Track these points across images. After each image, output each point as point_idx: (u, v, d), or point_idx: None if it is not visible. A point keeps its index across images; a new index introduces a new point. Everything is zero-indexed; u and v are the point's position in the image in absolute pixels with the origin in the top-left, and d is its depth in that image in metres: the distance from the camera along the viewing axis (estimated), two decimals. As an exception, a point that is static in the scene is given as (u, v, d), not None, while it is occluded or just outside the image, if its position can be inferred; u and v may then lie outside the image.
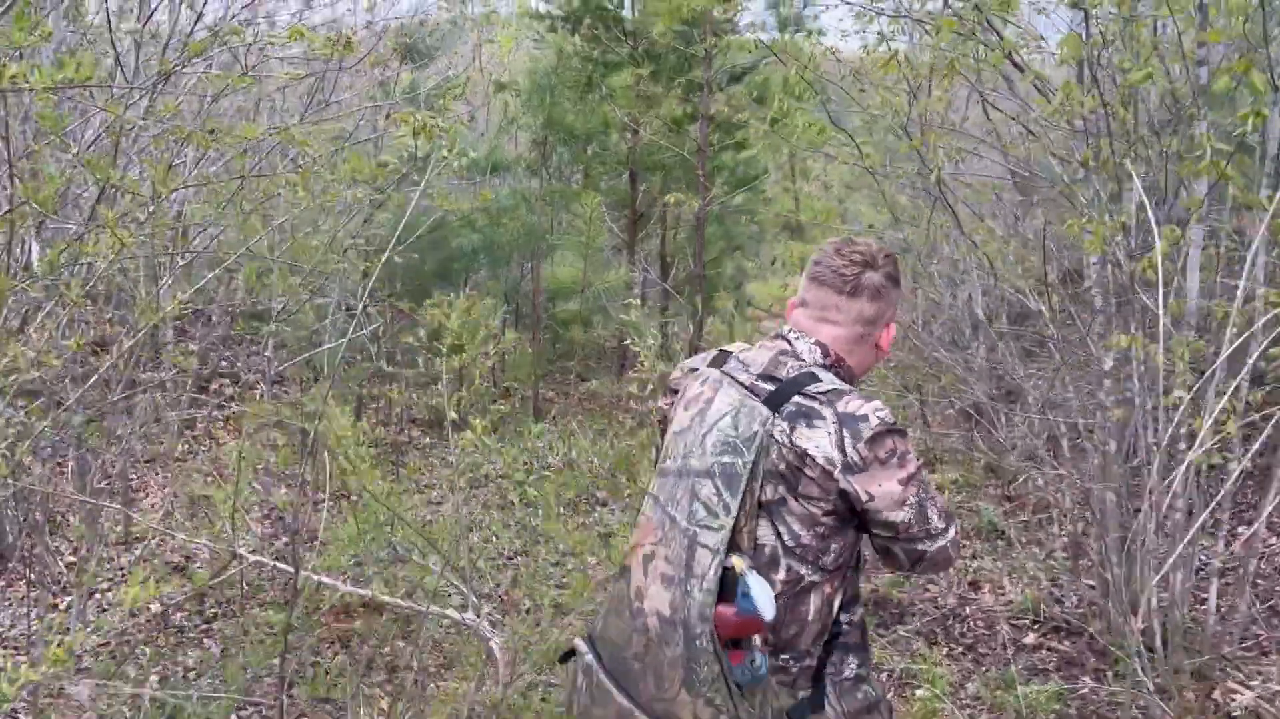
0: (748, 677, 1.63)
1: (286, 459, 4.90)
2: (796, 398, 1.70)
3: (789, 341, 1.82)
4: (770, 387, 1.73)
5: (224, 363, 8.75)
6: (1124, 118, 2.85)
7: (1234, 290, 3.45)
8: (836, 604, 1.76)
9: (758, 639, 1.64)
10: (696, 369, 1.90)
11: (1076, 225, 3.22)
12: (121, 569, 5.16)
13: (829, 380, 1.72)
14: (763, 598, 1.61)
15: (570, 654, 1.89)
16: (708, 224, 9.10)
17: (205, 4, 3.89)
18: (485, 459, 7.07)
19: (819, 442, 1.66)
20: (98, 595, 4.69)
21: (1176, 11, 3.12)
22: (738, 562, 1.64)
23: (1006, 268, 3.94)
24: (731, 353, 1.88)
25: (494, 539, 5.46)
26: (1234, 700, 3.60)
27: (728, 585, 1.63)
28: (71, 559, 5.09)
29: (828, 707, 1.75)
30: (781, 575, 1.69)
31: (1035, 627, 4.48)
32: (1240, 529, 4.68)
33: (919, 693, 3.91)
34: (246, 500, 4.88)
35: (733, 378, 1.79)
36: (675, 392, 1.94)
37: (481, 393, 9.47)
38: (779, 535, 1.69)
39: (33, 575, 4.20)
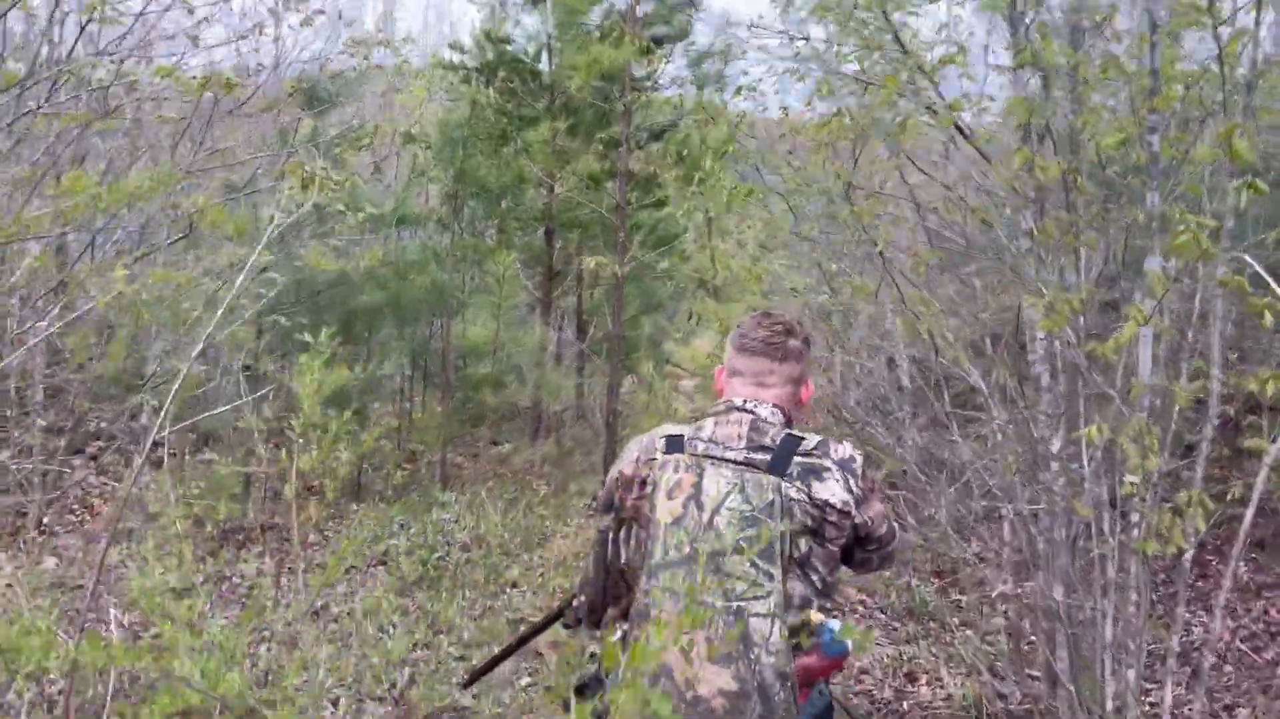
0: (819, 707, 1.87)
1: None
2: (797, 459, 1.90)
3: (752, 412, 1.98)
4: (766, 456, 1.91)
5: (103, 424, 8.07)
6: (1083, 187, 2.63)
7: (1188, 368, 3.28)
8: None
9: None
10: (656, 459, 1.98)
11: (1036, 304, 2.98)
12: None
13: (809, 437, 1.94)
14: (843, 635, 1.73)
15: None
16: (626, 282, 8.83)
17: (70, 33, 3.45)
18: (385, 535, 6.56)
19: (834, 490, 1.88)
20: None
21: (1125, 75, 2.95)
22: (813, 615, 1.85)
23: (945, 343, 3.70)
24: (682, 435, 1.99)
25: (390, 631, 4.95)
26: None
27: (799, 640, 1.82)
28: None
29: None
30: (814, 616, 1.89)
31: (978, 725, 4.20)
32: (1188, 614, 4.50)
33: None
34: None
35: (716, 457, 1.93)
36: (644, 483, 1.98)
37: (386, 455, 8.96)
38: (812, 584, 1.88)
39: None
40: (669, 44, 7.66)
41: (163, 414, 3.37)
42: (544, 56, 8.41)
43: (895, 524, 2.07)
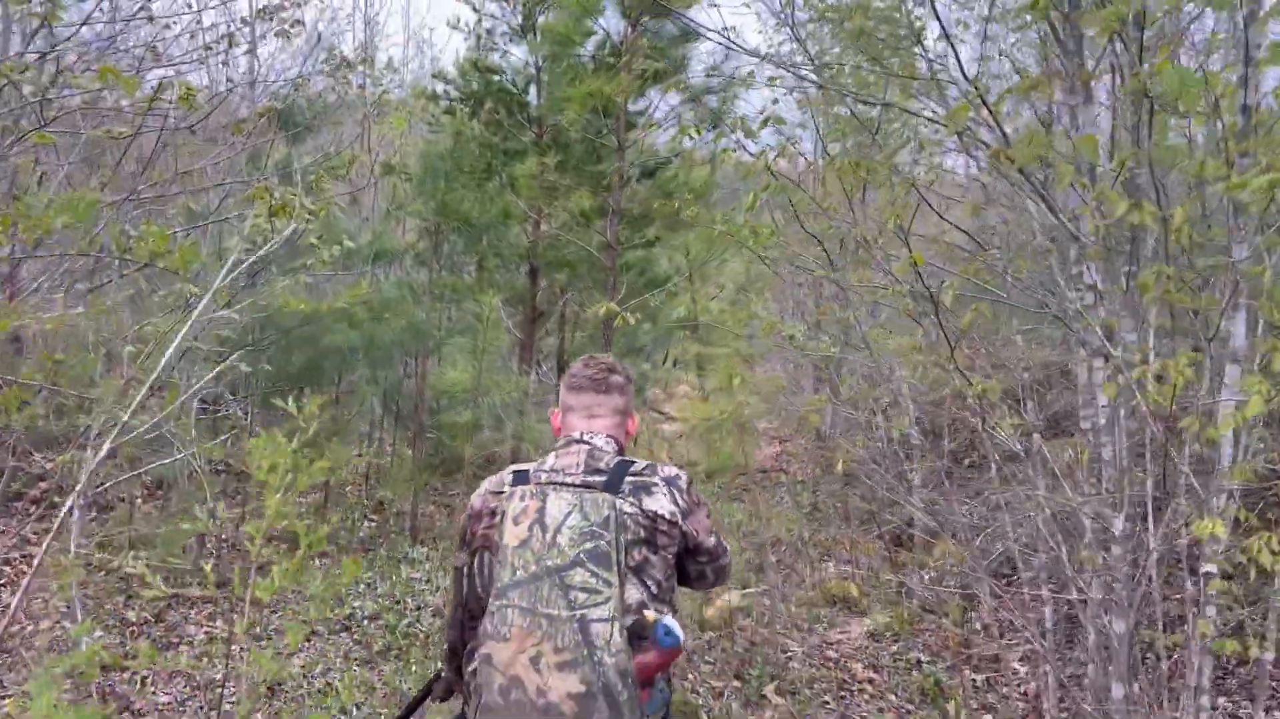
0: (659, 703, 2.03)
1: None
2: (628, 478, 2.10)
3: (588, 443, 2.20)
4: (601, 478, 2.10)
5: (46, 464, 7.51)
6: (1184, 233, 2.25)
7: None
8: None
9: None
10: (504, 492, 2.15)
11: (1104, 370, 2.59)
12: None
13: (639, 461, 2.16)
14: (678, 631, 1.98)
15: None
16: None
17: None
18: (349, 597, 6.03)
19: (662, 503, 2.08)
20: None
21: (1215, 115, 2.58)
22: (649, 615, 2.00)
23: (987, 404, 3.30)
24: (528, 469, 2.18)
25: (353, 714, 4.44)
26: None
27: (639, 640, 1.98)
28: None
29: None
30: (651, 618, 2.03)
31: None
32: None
33: None
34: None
35: (555, 484, 2.10)
36: (493, 513, 2.15)
37: (352, 504, 8.41)
38: (647, 588, 2.05)
39: None
40: (665, 78, 7.32)
41: (92, 462, 2.92)
42: (532, 89, 8.06)
43: (725, 544, 2.28)
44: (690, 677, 5.07)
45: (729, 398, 7.30)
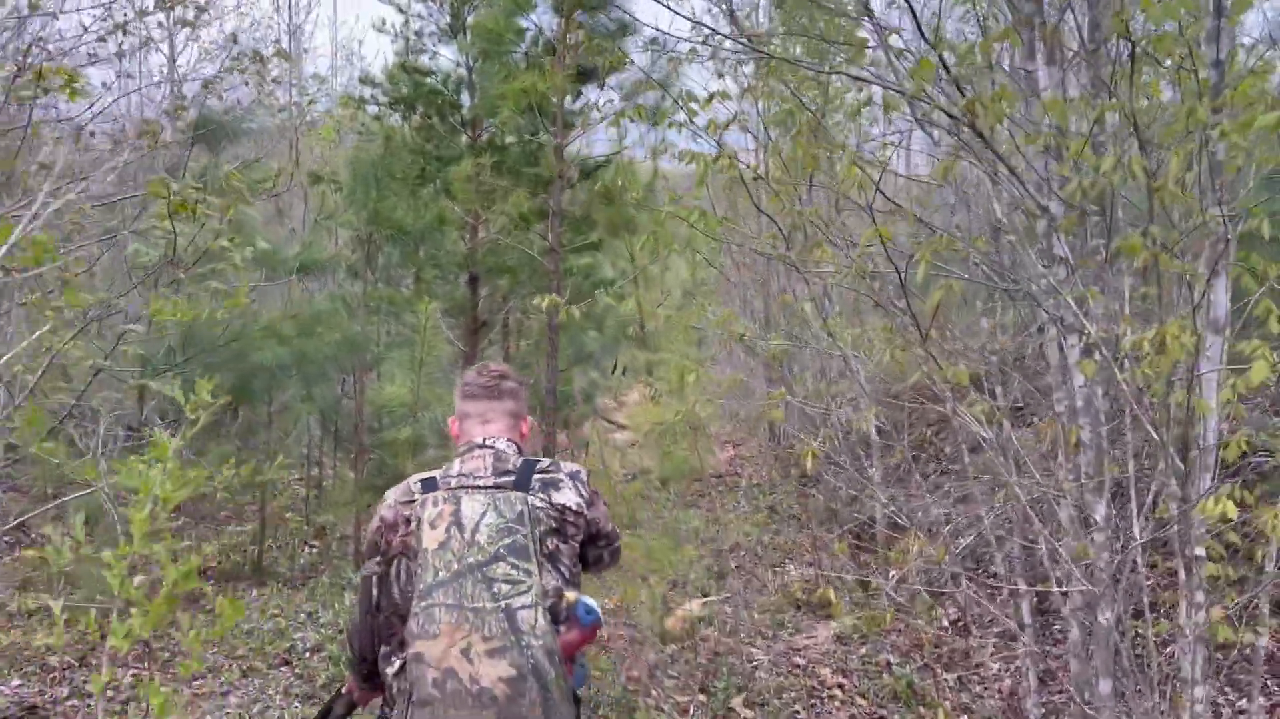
0: (581, 677, 2.24)
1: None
2: (536, 476, 2.28)
3: (491, 447, 2.34)
4: (510, 478, 2.26)
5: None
6: (1163, 190, 2.07)
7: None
8: None
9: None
10: (415, 499, 2.27)
11: (1078, 348, 2.42)
12: None
13: (543, 459, 2.35)
14: (596, 607, 2.21)
15: None
16: (558, 331, 8.17)
17: None
18: (289, 629, 5.69)
19: (569, 496, 2.28)
20: None
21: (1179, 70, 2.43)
22: (568, 595, 2.20)
23: (957, 386, 3.12)
24: (434, 476, 2.30)
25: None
26: None
27: (562, 621, 2.17)
28: None
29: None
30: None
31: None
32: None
33: None
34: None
35: (467, 487, 2.24)
36: (408, 520, 2.25)
37: (292, 530, 8.02)
38: (560, 574, 2.23)
39: None
40: (602, 75, 7.10)
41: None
42: (464, 92, 7.78)
43: (616, 527, 2.44)
44: (654, 693, 4.83)
45: (681, 399, 7.08)
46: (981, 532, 5.62)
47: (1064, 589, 3.22)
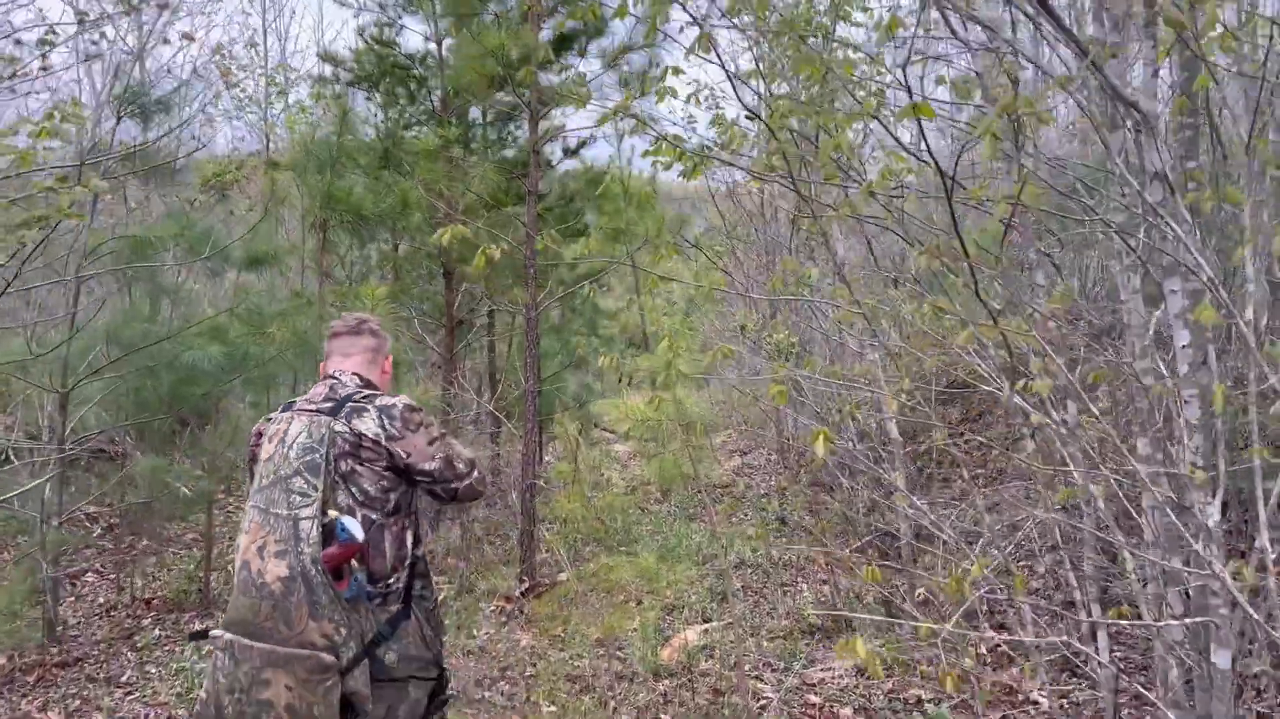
0: (354, 592, 2.38)
1: None
2: (348, 404, 2.52)
3: (336, 378, 2.66)
4: (330, 405, 2.53)
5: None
6: None
7: None
8: (409, 540, 2.55)
9: (355, 564, 2.39)
10: (272, 418, 2.63)
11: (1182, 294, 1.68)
12: None
13: (367, 392, 2.59)
14: (354, 529, 2.38)
15: (201, 635, 2.50)
16: (545, 337, 7.47)
17: None
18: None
19: (369, 425, 2.48)
20: None
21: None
22: (332, 513, 2.40)
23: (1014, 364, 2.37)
24: (295, 401, 2.63)
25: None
26: None
27: (328, 537, 2.37)
28: None
29: (412, 617, 2.52)
30: (359, 520, 2.42)
31: None
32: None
33: None
34: None
35: (300, 410, 2.55)
36: (259, 435, 2.63)
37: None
38: (352, 494, 2.46)
39: None
40: (581, 40, 6.39)
41: None
42: (433, 69, 7.10)
43: (465, 468, 2.61)
44: (643, 741, 4.06)
45: (668, 384, 6.31)
46: (1022, 543, 4.82)
47: (1159, 622, 2.45)
